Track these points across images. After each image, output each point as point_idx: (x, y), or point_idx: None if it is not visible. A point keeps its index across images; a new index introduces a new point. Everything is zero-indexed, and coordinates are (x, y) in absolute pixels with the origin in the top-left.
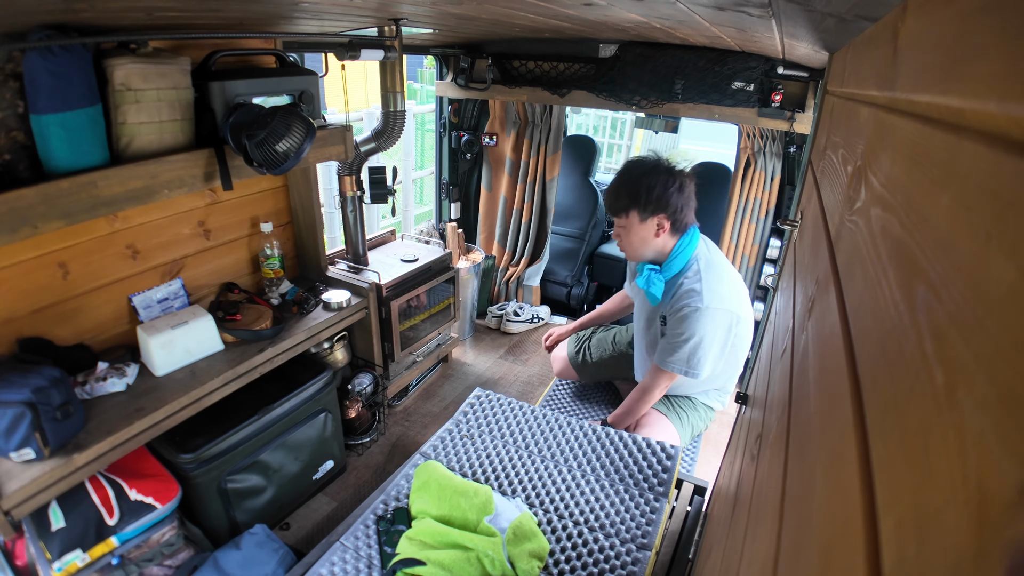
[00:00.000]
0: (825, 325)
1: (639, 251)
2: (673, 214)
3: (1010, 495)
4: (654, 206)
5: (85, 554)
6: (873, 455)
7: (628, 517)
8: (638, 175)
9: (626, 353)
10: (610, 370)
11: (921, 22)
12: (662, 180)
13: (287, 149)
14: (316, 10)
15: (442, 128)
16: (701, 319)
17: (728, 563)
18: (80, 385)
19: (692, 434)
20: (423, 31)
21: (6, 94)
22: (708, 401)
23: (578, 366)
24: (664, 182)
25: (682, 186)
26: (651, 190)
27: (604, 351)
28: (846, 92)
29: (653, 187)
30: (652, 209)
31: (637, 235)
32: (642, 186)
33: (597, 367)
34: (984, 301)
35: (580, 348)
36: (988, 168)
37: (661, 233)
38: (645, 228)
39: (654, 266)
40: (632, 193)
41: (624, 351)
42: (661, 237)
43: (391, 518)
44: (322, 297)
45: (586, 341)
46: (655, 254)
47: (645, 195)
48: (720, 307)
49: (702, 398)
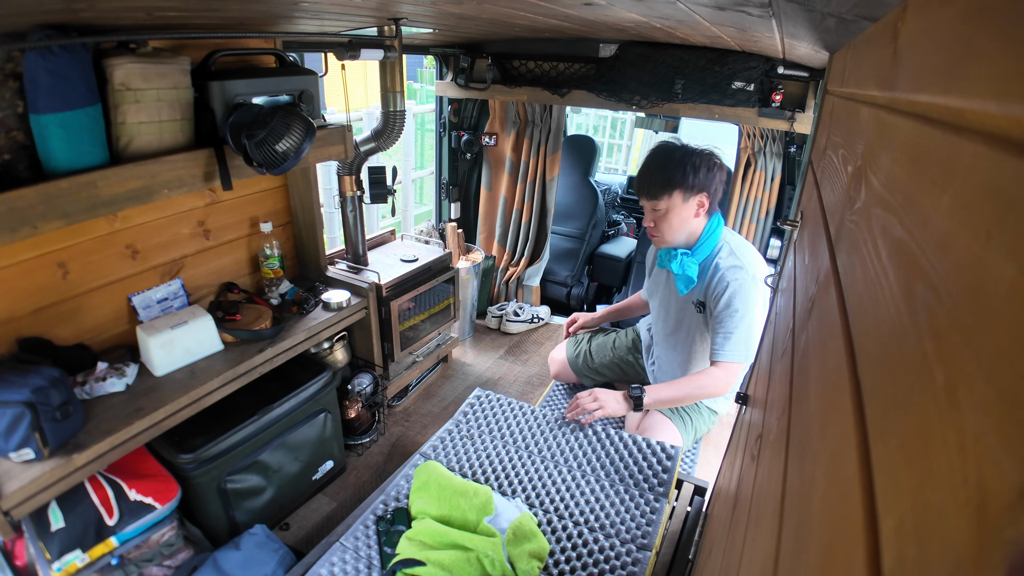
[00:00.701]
0: (825, 325)
1: (676, 234)
2: (713, 194)
3: (1010, 495)
4: (699, 186)
5: (85, 554)
6: (873, 455)
7: (628, 517)
8: (679, 157)
9: (625, 359)
10: (611, 373)
11: (921, 22)
12: (705, 160)
13: (287, 149)
14: (316, 10)
15: (442, 128)
16: (753, 290)
17: (728, 563)
18: (80, 385)
19: (694, 438)
20: (423, 31)
21: (6, 94)
22: (712, 404)
23: (578, 368)
24: (706, 163)
25: (721, 167)
26: (696, 170)
27: (604, 356)
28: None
29: (698, 167)
30: (696, 188)
31: (678, 216)
32: (687, 165)
33: (597, 371)
34: (984, 301)
35: (579, 351)
36: (988, 168)
37: (700, 212)
38: (687, 208)
39: (684, 249)
40: (676, 173)
41: (623, 357)
42: (700, 218)
43: (391, 518)
44: (322, 297)
45: (586, 344)
46: (686, 238)
47: (691, 175)
48: (757, 277)
49: (706, 401)
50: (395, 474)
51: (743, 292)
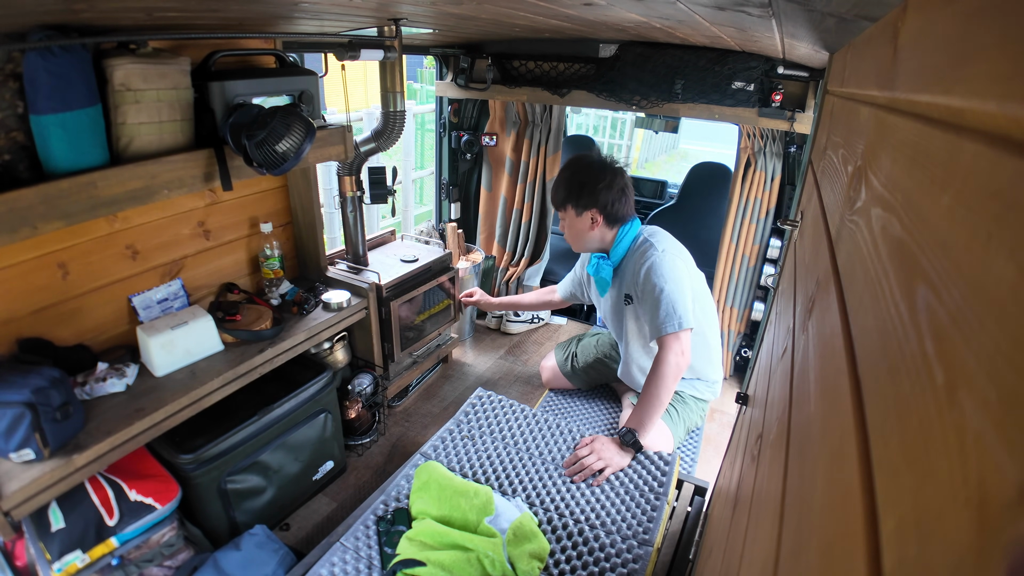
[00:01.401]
0: (825, 325)
1: (580, 242)
2: (604, 208)
3: (1010, 495)
4: (586, 201)
5: (85, 555)
6: (874, 455)
7: (629, 516)
8: (571, 173)
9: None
10: (599, 373)
11: (921, 22)
12: (593, 177)
13: (287, 149)
14: (316, 10)
15: (442, 128)
16: (662, 264)
17: (728, 563)
18: (80, 386)
19: (686, 428)
20: (423, 31)
21: (6, 94)
22: (696, 393)
23: (568, 373)
24: (594, 179)
25: (611, 182)
26: (583, 186)
27: (589, 355)
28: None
29: (584, 183)
30: (585, 204)
31: (574, 227)
32: (575, 183)
33: (586, 372)
34: (984, 301)
35: (567, 355)
36: (988, 168)
37: (595, 226)
38: (581, 221)
39: (601, 255)
40: (567, 189)
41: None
42: (597, 229)
43: (391, 519)
44: (322, 297)
45: (572, 348)
46: (598, 244)
47: (577, 191)
48: (675, 254)
49: (689, 390)
50: (395, 474)
51: (655, 267)
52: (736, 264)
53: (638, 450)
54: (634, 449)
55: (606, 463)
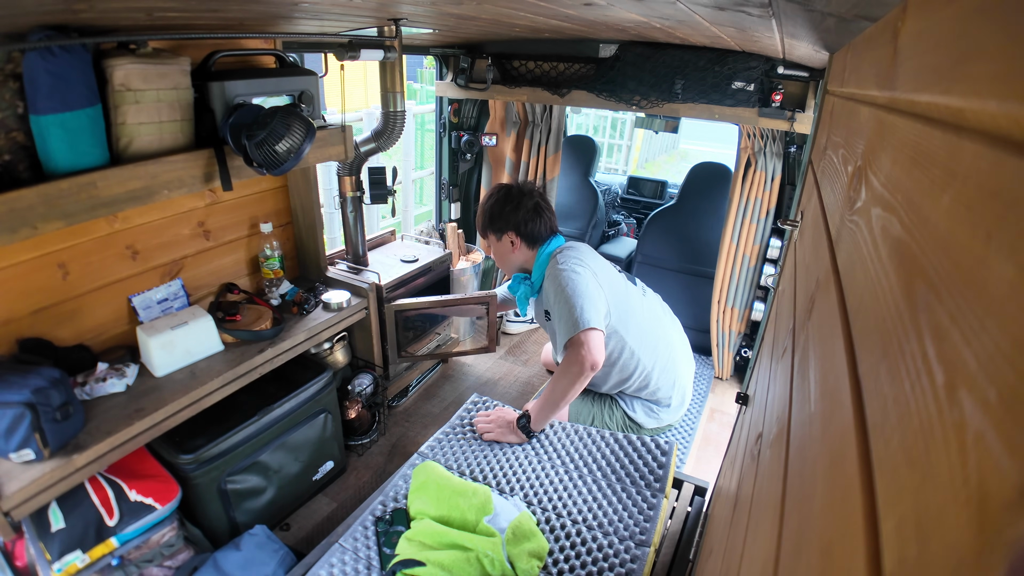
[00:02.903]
0: (825, 325)
1: (506, 264)
2: (518, 229)
3: (1011, 495)
4: (500, 226)
5: (85, 555)
6: (874, 455)
7: (626, 515)
8: (488, 202)
9: None
10: None
11: (921, 22)
12: (499, 204)
13: (287, 149)
14: (316, 10)
15: (442, 128)
16: (560, 276)
17: (728, 563)
18: (80, 386)
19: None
20: (423, 31)
21: (6, 94)
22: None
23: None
24: (502, 205)
25: (518, 206)
26: (494, 217)
27: None
28: (846, 92)
29: (496, 214)
30: (500, 227)
31: (498, 252)
32: (488, 214)
33: None
34: (984, 301)
35: None
36: (988, 168)
37: (515, 248)
38: (502, 245)
39: (524, 275)
40: (485, 217)
41: None
42: (518, 251)
43: (390, 519)
44: (322, 298)
45: None
46: (522, 264)
47: (491, 222)
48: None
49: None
50: (394, 475)
51: (555, 278)
52: (736, 264)
53: (529, 436)
54: (525, 435)
55: (495, 439)
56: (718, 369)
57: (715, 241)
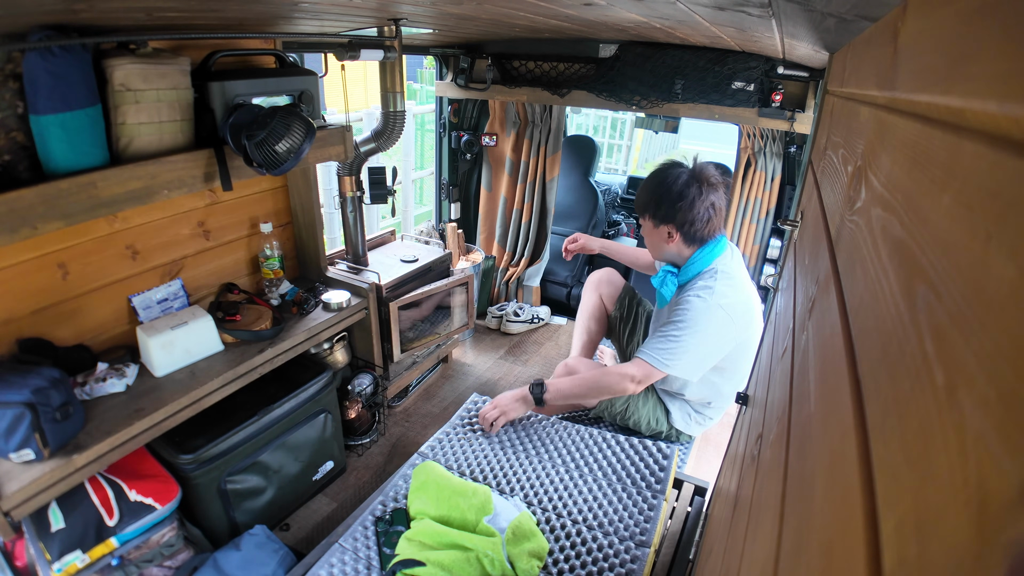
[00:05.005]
0: (825, 325)
1: (656, 252)
2: (682, 227)
3: (1011, 495)
4: (662, 216)
5: (85, 555)
6: (874, 455)
7: (626, 515)
8: (655, 184)
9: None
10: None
11: (921, 22)
12: (674, 193)
13: (287, 149)
14: (316, 10)
15: (442, 128)
16: (699, 310)
17: (729, 564)
18: (80, 386)
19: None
20: (423, 31)
21: (6, 95)
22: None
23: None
24: (677, 195)
25: (693, 202)
26: (660, 203)
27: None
28: (846, 92)
29: (662, 200)
30: (661, 218)
31: (650, 238)
32: (654, 196)
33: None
34: (984, 301)
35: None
36: (988, 168)
37: (671, 242)
38: (657, 234)
39: (672, 268)
40: (647, 200)
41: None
42: (673, 245)
43: (390, 519)
44: (322, 298)
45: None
46: (674, 257)
47: (653, 207)
48: (724, 306)
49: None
50: (394, 475)
51: (690, 307)
52: None
53: (539, 403)
54: (534, 400)
55: (502, 411)
56: None
57: None
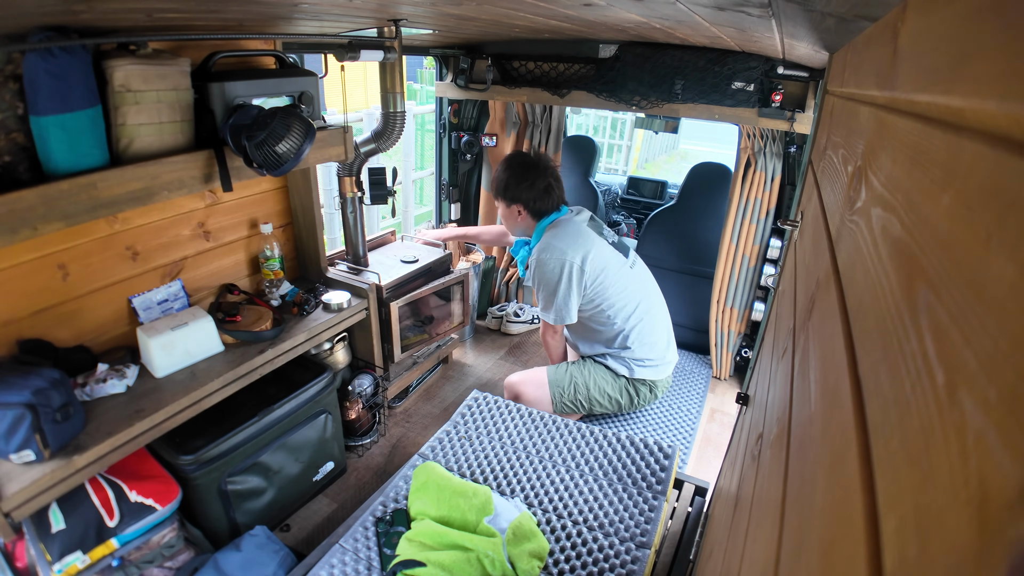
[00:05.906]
0: (825, 325)
1: (511, 228)
2: (527, 205)
3: (1011, 495)
4: (510, 198)
5: (85, 556)
6: (874, 455)
7: (627, 516)
8: (502, 170)
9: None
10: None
11: (921, 22)
12: (513, 179)
13: (287, 150)
14: (316, 11)
15: (442, 129)
16: (537, 268)
17: (729, 564)
18: (80, 387)
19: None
20: (423, 32)
21: (6, 95)
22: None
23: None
24: (517, 180)
25: (532, 185)
26: (506, 186)
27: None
28: (846, 92)
29: (508, 184)
30: (509, 199)
31: (505, 216)
32: (501, 183)
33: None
34: (984, 301)
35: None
36: (988, 168)
37: (520, 219)
38: (510, 212)
39: (527, 240)
40: (499, 185)
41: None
42: (522, 221)
43: (390, 519)
44: (322, 298)
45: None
46: (526, 229)
47: (504, 188)
48: (550, 256)
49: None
50: (394, 475)
51: (533, 270)
52: (736, 264)
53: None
54: None
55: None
56: (716, 369)
57: (715, 241)
